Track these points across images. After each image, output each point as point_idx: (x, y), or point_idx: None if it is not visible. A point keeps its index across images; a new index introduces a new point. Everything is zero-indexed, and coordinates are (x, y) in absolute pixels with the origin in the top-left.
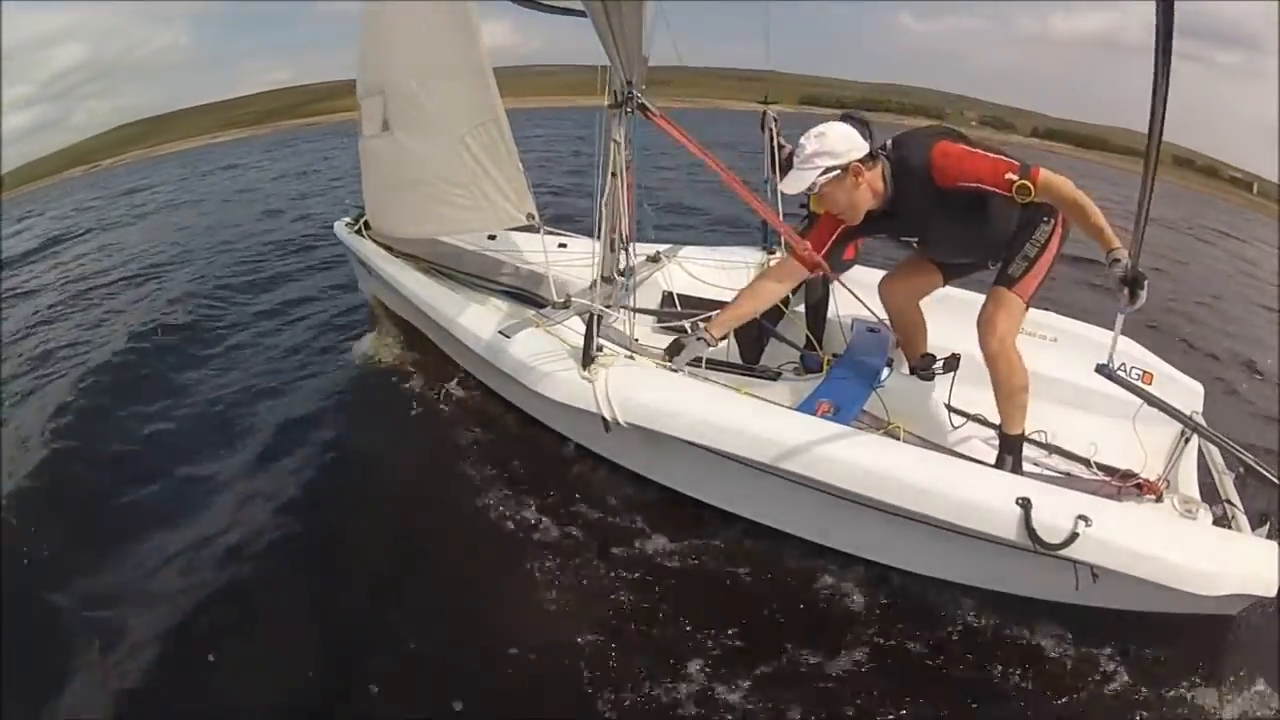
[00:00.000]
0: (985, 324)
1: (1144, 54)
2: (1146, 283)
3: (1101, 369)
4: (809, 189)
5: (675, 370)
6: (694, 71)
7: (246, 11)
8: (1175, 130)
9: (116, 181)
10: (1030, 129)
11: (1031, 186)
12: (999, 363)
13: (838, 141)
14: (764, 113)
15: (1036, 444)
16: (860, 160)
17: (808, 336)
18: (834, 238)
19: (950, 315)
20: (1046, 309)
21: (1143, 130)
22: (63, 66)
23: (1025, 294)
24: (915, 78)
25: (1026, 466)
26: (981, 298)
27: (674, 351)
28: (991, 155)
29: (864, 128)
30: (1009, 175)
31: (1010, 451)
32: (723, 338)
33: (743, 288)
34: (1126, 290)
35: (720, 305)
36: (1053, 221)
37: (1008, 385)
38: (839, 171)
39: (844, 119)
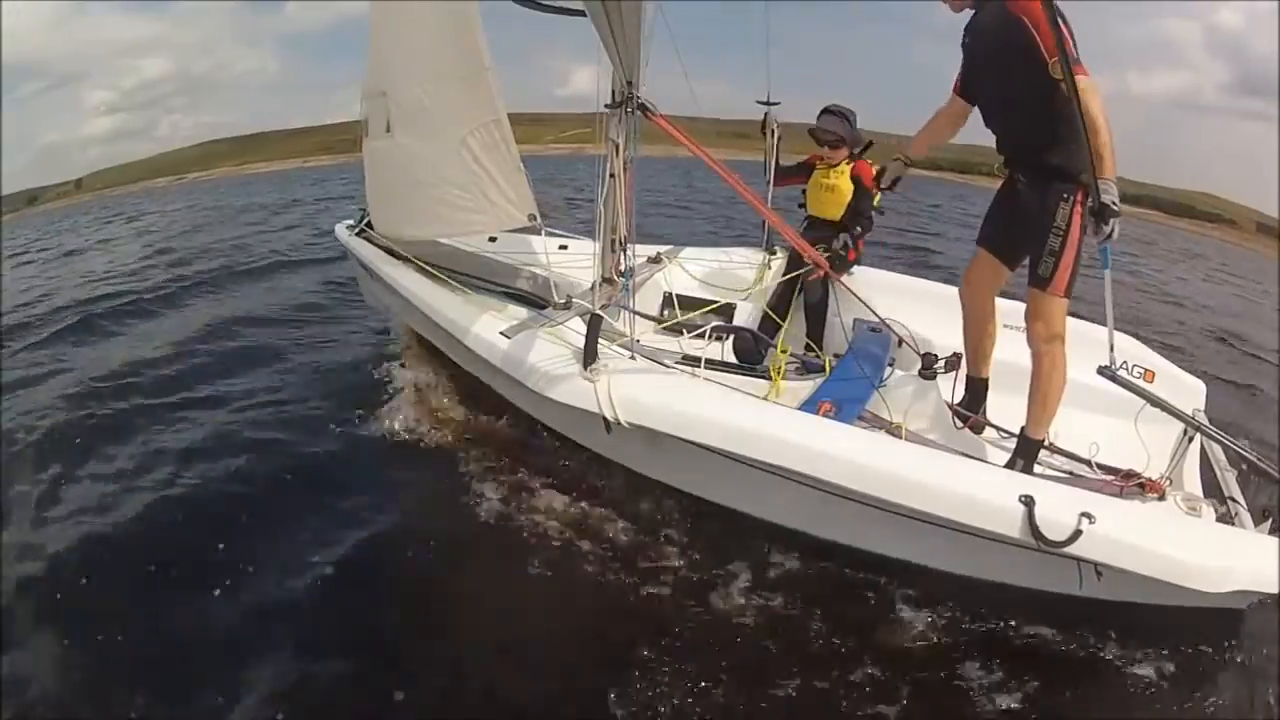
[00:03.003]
0: (1028, 327)
1: (1220, 114)
2: (1115, 220)
3: (1103, 371)
4: None
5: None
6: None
7: (336, 41)
8: (1254, 195)
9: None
10: (1119, 195)
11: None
12: (1040, 362)
13: None
14: (765, 114)
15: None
16: None
17: (807, 340)
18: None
19: (952, 314)
20: None
21: (1227, 195)
22: (149, 77)
23: (1060, 290)
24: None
25: None
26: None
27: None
28: (1060, 27)
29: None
30: (1057, 52)
31: (1024, 455)
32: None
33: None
34: (1093, 221)
35: (720, 306)
36: (1072, 200)
37: (1044, 385)
38: None
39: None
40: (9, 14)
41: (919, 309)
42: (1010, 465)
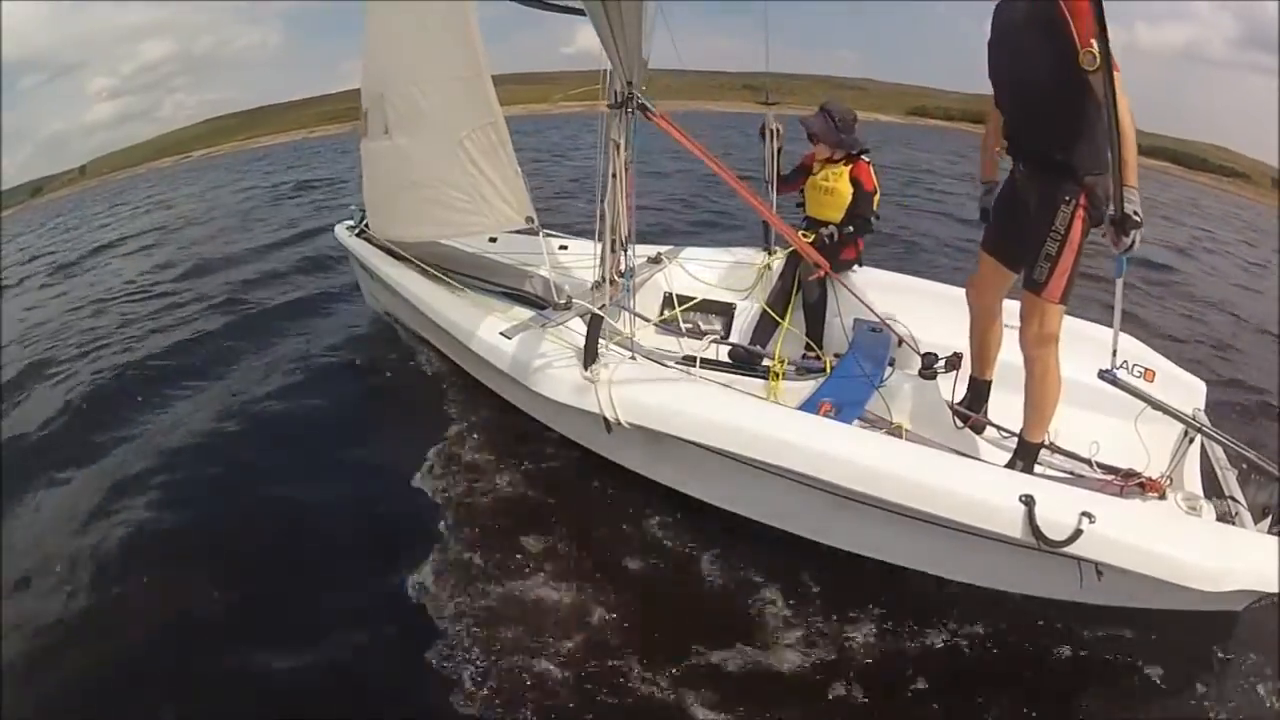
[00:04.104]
0: (1021, 330)
1: (1228, 68)
2: (1135, 231)
3: (1104, 375)
4: None
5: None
6: (694, 75)
7: (339, 11)
8: (1263, 149)
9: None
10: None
11: (1098, 60)
12: (1032, 367)
13: None
14: (766, 115)
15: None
16: None
17: (806, 339)
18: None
19: (952, 314)
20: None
21: (1236, 148)
22: (150, 59)
23: (1055, 296)
24: None
25: None
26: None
27: None
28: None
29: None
30: (1093, 40)
31: (1024, 458)
32: None
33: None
34: (1113, 230)
35: (721, 306)
36: (1074, 203)
37: (1037, 390)
38: None
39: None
40: (5, 13)
41: (919, 309)
42: (1009, 468)
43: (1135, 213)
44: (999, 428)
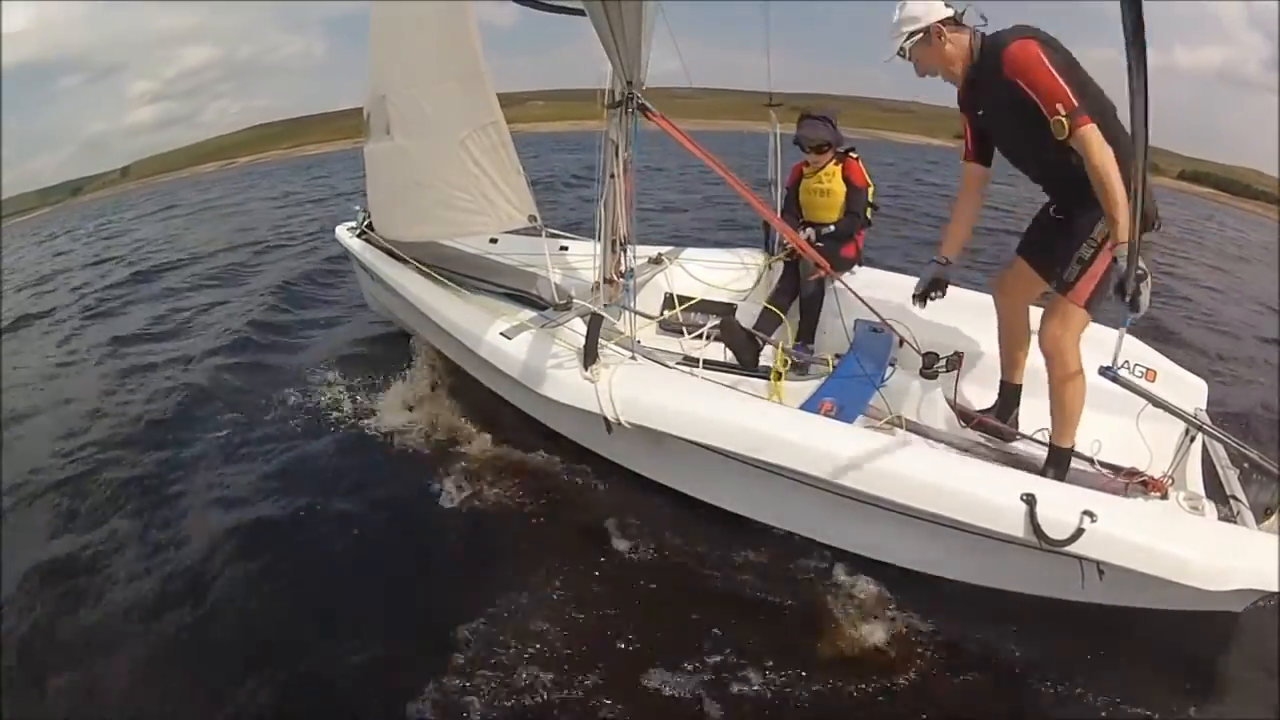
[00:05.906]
0: (1041, 330)
1: (1261, 89)
2: (1146, 289)
3: (1105, 371)
4: (900, 54)
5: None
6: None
7: None
8: None
9: None
10: (1178, 171)
11: (1067, 126)
12: (1052, 367)
13: (916, 7)
14: (770, 116)
15: (1041, 443)
16: (941, 21)
17: (798, 334)
18: (969, 132)
19: (953, 314)
20: None
21: (1269, 170)
22: (191, 65)
23: (1080, 299)
24: None
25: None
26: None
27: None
28: (1059, 80)
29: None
30: (1058, 105)
31: (1056, 464)
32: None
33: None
34: (1121, 295)
35: (722, 306)
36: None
37: (1059, 392)
38: (922, 35)
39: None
40: (43, 10)
41: (920, 309)
42: (1042, 473)
43: (1139, 268)
44: (1011, 434)
